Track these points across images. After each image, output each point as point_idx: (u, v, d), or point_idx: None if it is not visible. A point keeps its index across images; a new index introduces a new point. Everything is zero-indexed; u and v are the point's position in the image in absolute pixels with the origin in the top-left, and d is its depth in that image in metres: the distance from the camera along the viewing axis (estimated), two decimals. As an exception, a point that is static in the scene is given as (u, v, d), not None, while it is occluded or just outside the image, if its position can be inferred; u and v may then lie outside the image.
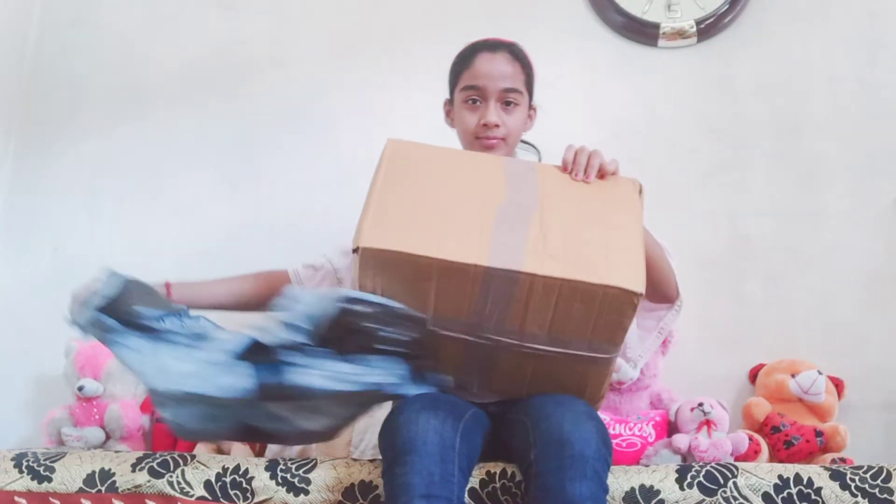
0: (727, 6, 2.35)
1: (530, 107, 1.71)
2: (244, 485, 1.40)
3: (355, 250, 1.27)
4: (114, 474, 1.43)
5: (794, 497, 1.31)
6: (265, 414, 1.32)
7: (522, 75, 1.66)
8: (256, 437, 1.69)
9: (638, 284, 1.28)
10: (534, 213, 1.33)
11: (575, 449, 1.21)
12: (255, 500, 1.39)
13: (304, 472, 1.40)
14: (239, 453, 2.01)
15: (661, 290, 1.59)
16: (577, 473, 1.19)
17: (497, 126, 1.61)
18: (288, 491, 1.38)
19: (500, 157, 1.49)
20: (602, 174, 1.41)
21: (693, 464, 1.38)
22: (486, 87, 1.62)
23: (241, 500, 1.39)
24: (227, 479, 1.40)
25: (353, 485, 1.37)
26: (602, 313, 1.29)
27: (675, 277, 1.61)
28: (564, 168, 1.42)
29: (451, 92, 1.72)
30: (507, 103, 1.62)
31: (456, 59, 1.71)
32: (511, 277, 1.26)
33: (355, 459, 1.44)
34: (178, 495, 1.39)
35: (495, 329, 1.32)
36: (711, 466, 1.35)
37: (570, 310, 1.29)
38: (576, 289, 1.26)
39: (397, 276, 1.28)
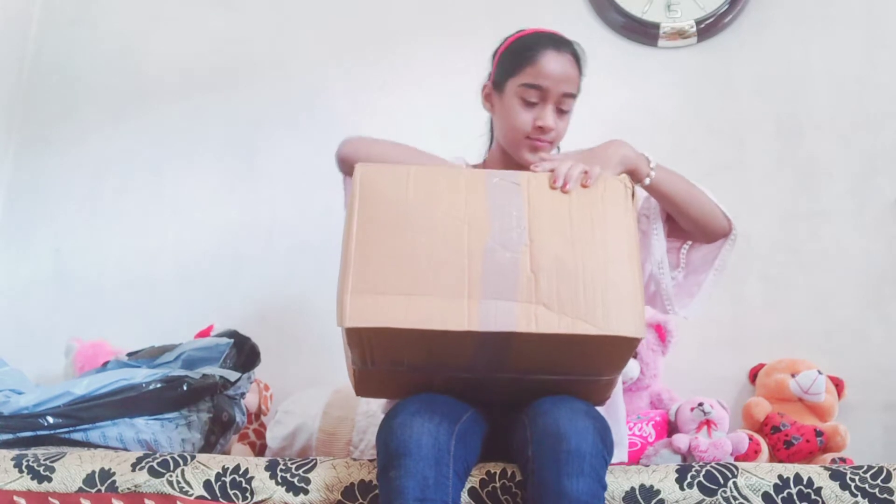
0: (727, 6, 2.35)
1: None
2: (244, 484, 1.39)
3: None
4: (113, 474, 1.43)
5: (794, 497, 1.30)
6: None
7: (579, 79, 1.57)
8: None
9: (638, 330, 1.24)
10: (522, 247, 1.27)
11: (571, 444, 1.19)
12: (255, 499, 1.38)
13: (304, 472, 1.39)
14: (238, 453, 2.01)
15: (710, 227, 1.54)
16: (574, 469, 1.18)
17: (551, 130, 1.53)
18: (287, 490, 1.38)
19: (481, 172, 1.36)
20: (585, 184, 1.33)
21: (693, 464, 1.37)
22: (548, 89, 1.51)
23: (241, 500, 1.38)
24: (227, 479, 1.40)
25: (352, 484, 1.37)
26: (602, 354, 1.29)
27: (719, 208, 1.54)
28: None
29: (501, 78, 1.57)
30: (562, 109, 1.54)
31: (514, 46, 1.58)
32: (504, 336, 1.24)
33: (355, 459, 1.44)
34: (177, 495, 1.39)
35: (491, 369, 1.31)
36: (711, 466, 1.35)
37: (569, 352, 1.28)
38: (573, 340, 1.25)
39: (387, 342, 1.26)
